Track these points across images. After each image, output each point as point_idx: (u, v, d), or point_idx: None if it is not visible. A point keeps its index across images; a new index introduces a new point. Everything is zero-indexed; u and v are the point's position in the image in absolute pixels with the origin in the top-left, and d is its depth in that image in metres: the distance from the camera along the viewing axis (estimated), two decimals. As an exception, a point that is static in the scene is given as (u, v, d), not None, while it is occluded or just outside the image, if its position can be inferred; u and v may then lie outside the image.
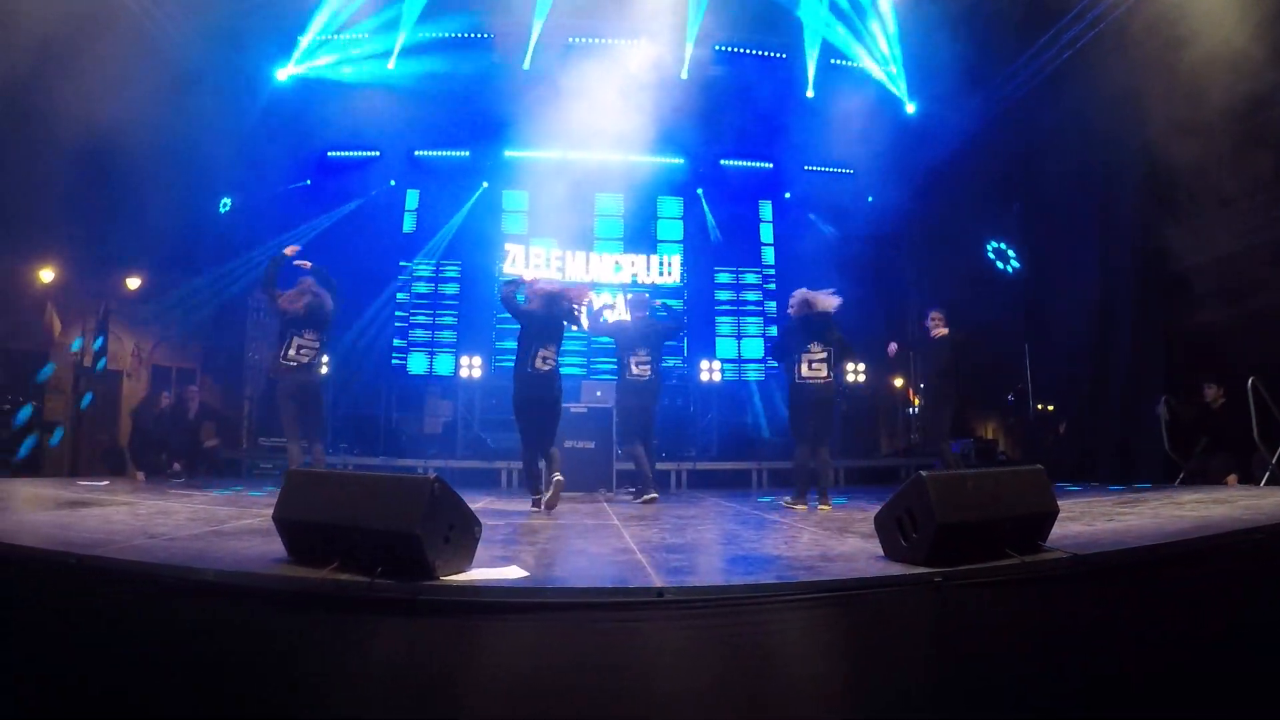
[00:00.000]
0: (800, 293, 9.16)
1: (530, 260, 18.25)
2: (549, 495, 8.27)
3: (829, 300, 9.08)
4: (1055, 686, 3.66)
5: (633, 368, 10.35)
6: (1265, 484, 9.59)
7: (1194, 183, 11.72)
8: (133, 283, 15.18)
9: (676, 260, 18.70)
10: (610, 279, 18.28)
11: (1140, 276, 12.99)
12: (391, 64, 15.20)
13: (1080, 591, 4.05)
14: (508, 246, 18.24)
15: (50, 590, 4.08)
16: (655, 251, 18.68)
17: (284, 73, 15.50)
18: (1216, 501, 7.05)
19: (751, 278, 19.02)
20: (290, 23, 14.61)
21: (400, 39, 14.95)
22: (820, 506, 8.61)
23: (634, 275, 18.44)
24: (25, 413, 13.30)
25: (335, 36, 14.93)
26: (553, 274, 18.07)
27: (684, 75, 15.34)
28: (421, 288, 18.23)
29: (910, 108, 15.85)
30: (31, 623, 3.92)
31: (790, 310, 9.32)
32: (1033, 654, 3.73)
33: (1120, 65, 12.31)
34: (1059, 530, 4.72)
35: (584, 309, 9.08)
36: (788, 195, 19.05)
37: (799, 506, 8.81)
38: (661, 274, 18.58)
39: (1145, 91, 11.76)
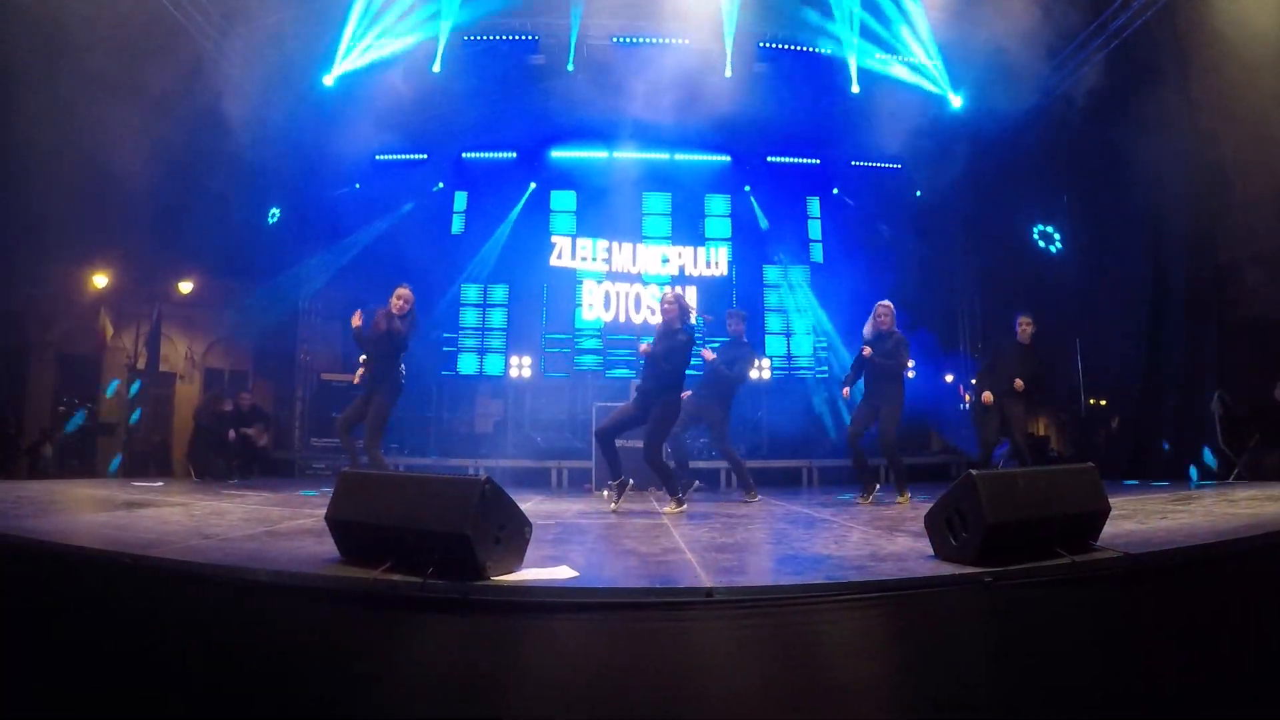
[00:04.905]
0: None
1: (577, 252, 18.33)
2: None
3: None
4: (1109, 687, 3.64)
5: None
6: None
7: (1245, 171, 11.55)
8: (185, 287, 15.37)
9: (724, 252, 18.67)
10: (658, 270, 18.30)
11: (1192, 268, 12.83)
12: (436, 67, 15.24)
13: (1133, 591, 4.01)
14: (554, 239, 18.33)
15: (106, 590, 4.15)
16: (703, 244, 18.66)
17: (331, 78, 15.61)
18: (1271, 499, 6.96)
19: (799, 275, 18.95)
20: (336, 29, 14.70)
21: (444, 42, 14.97)
22: None
23: (681, 267, 18.45)
24: (78, 418, 13.54)
25: (381, 40, 15.00)
26: (599, 265, 18.28)
27: (728, 73, 15.26)
28: (471, 290, 18.33)
29: (956, 101, 15.68)
30: (88, 621, 3.99)
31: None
32: (1086, 654, 3.70)
33: (1168, 53, 12.19)
34: (1111, 528, 4.68)
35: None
36: (835, 191, 18.96)
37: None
38: (709, 266, 18.55)
39: (1194, 79, 11.63)
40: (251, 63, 13.92)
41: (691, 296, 17.91)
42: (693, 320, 9.12)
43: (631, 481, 8.71)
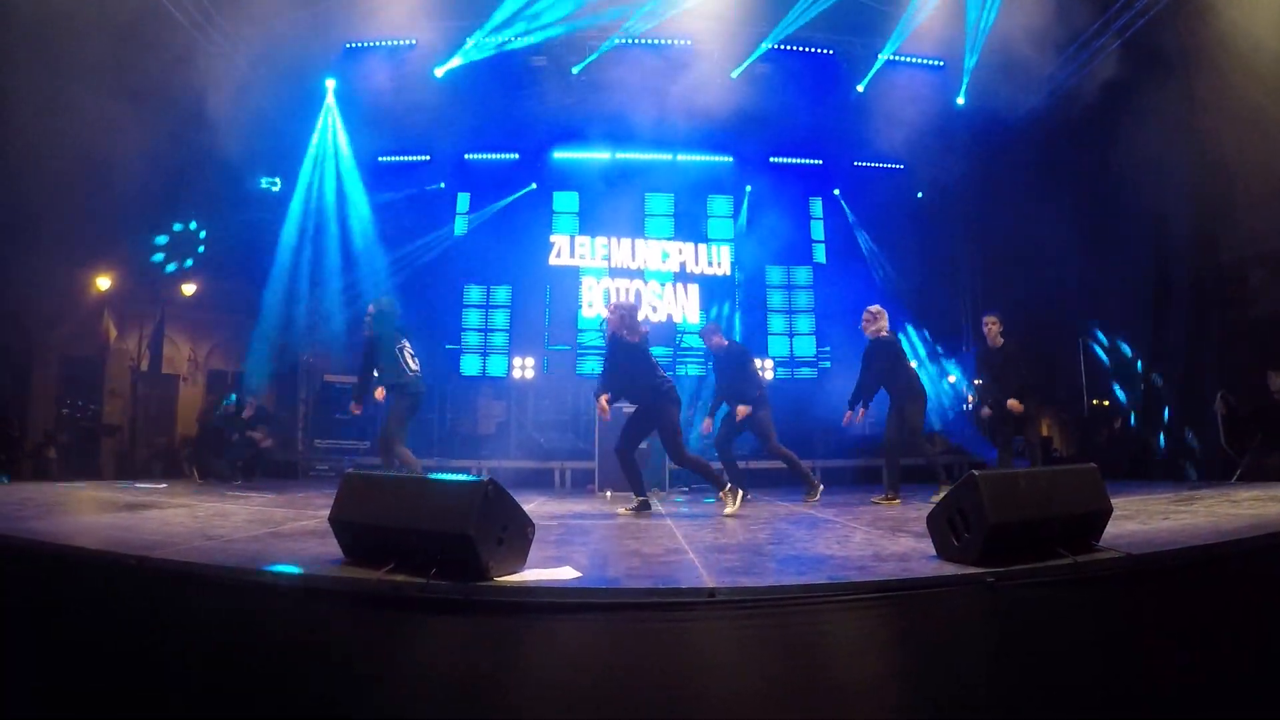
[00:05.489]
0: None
1: (576, 250, 18.38)
2: None
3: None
4: (1110, 688, 3.64)
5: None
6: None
7: (1249, 171, 11.55)
8: (188, 289, 15.39)
9: (726, 250, 18.70)
10: (658, 266, 18.34)
11: (1195, 268, 12.81)
12: (440, 72, 15.27)
13: (1135, 591, 4.01)
14: (553, 239, 18.37)
15: (110, 591, 4.16)
16: (706, 243, 18.69)
17: (334, 83, 15.65)
18: (1273, 499, 6.95)
19: (802, 276, 18.97)
20: (339, 33, 14.70)
21: (454, 61, 15.01)
22: None
23: (682, 264, 18.49)
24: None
25: (385, 43, 15.00)
26: (599, 262, 18.31)
27: (730, 75, 15.28)
28: (474, 291, 18.34)
29: (960, 100, 15.65)
30: (92, 622, 4.00)
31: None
32: (1088, 654, 3.70)
33: (1173, 52, 12.19)
34: (1113, 529, 4.67)
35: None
36: (836, 191, 18.96)
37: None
38: (711, 264, 18.58)
39: (1199, 78, 11.63)
40: (252, 63, 13.93)
41: (694, 295, 18.00)
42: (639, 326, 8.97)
43: (610, 493, 8.61)
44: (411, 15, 14.28)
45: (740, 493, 8.37)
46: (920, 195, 18.52)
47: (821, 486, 9.96)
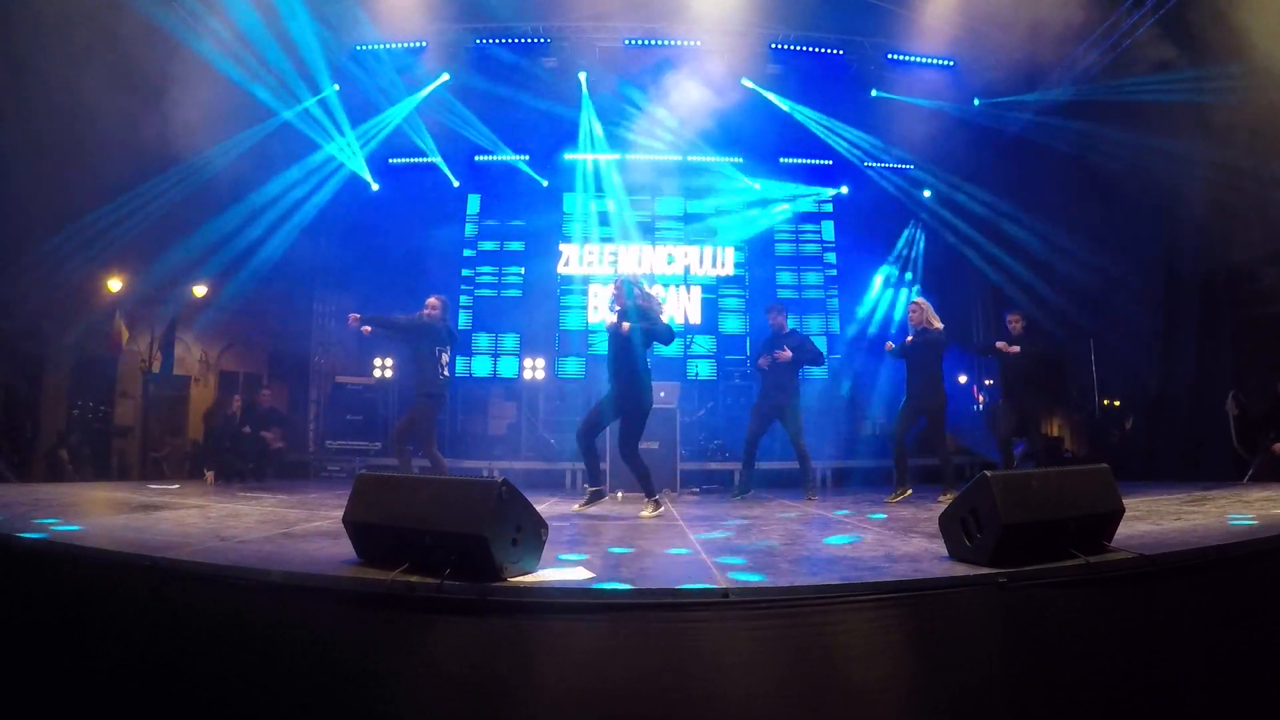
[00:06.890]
0: None
1: (584, 257, 18.40)
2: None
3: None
4: (1122, 688, 3.64)
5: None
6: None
7: (1260, 169, 11.50)
8: (199, 290, 15.40)
9: (730, 252, 18.68)
10: (664, 270, 18.34)
11: (1206, 267, 12.77)
12: (446, 76, 15.35)
13: (1147, 592, 4.01)
14: (562, 247, 18.39)
15: (127, 591, 4.18)
16: (715, 245, 18.68)
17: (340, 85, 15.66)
18: (1285, 500, 6.94)
19: (813, 278, 18.92)
20: (349, 34, 14.69)
21: (458, 49, 15.06)
22: None
23: (686, 267, 18.50)
24: None
25: (393, 45, 15.01)
26: (605, 268, 18.32)
27: (740, 75, 15.30)
28: (485, 291, 18.35)
29: (969, 99, 15.63)
30: (105, 623, 4.01)
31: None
32: (1099, 655, 3.70)
33: (1185, 48, 12.15)
34: (1125, 530, 4.67)
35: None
36: (845, 190, 18.91)
37: None
38: (715, 265, 18.58)
39: (1210, 75, 11.60)
40: (260, 61, 13.94)
41: (696, 297, 18.02)
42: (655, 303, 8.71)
43: (621, 495, 8.60)
44: (421, 17, 14.31)
45: (661, 507, 8.31)
46: (928, 194, 18.47)
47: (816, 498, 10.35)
